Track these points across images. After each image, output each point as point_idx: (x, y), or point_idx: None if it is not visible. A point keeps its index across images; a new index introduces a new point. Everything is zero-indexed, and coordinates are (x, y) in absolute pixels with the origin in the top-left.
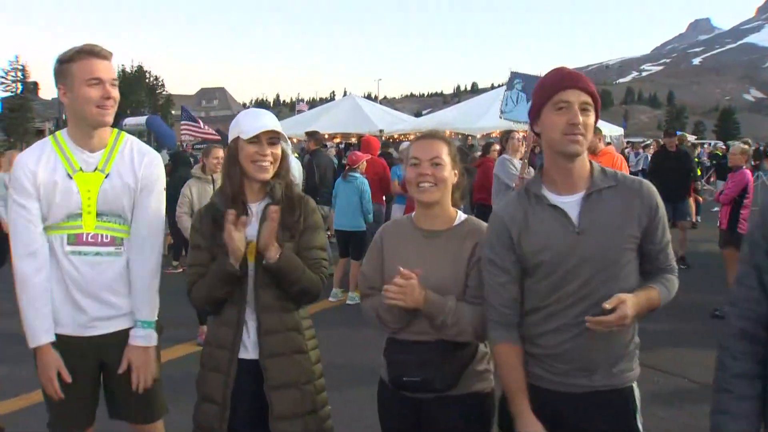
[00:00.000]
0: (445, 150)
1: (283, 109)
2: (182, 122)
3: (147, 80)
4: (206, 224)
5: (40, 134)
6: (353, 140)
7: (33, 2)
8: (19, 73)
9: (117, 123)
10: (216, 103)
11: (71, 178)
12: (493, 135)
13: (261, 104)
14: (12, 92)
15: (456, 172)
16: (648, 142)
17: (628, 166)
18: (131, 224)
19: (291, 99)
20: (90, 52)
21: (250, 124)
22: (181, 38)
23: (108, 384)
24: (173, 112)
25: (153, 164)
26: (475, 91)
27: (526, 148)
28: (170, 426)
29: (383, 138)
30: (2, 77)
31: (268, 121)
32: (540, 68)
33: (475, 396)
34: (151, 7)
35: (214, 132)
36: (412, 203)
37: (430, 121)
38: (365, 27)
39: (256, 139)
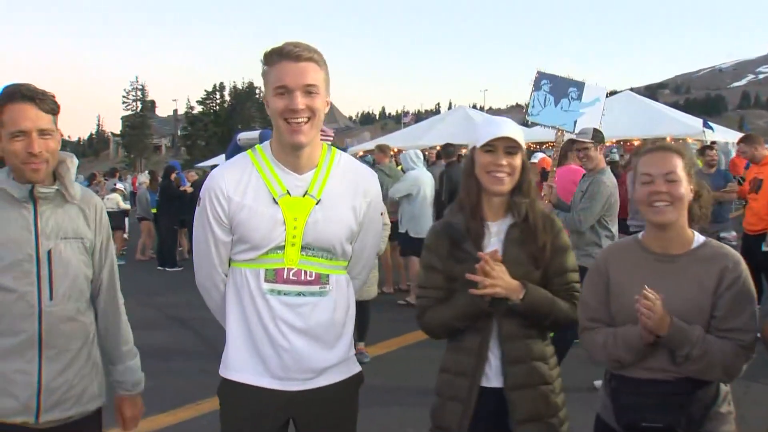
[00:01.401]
0: (681, 164)
1: (389, 121)
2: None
3: (257, 95)
4: (442, 244)
5: (157, 150)
6: (464, 152)
7: (150, 25)
8: (139, 93)
9: (230, 137)
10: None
11: (276, 203)
12: (606, 144)
13: (367, 117)
14: (132, 110)
15: (692, 187)
16: None
17: None
18: (353, 252)
19: (396, 111)
20: (281, 53)
21: (485, 131)
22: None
23: None
24: None
25: (372, 186)
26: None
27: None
28: None
29: None
30: (124, 97)
31: (504, 128)
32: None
33: None
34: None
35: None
36: None
37: (540, 130)
38: (470, 38)
39: (491, 148)
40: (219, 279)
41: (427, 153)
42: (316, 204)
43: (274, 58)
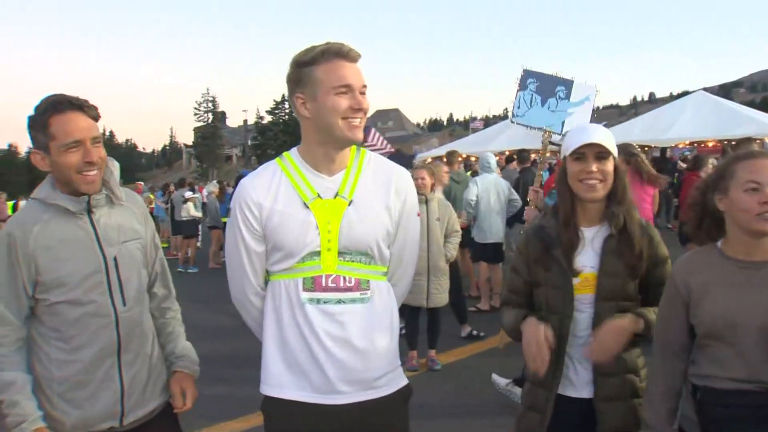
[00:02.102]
0: None
1: (457, 128)
2: (365, 143)
3: None
4: (533, 248)
5: (228, 160)
6: (533, 157)
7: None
8: (210, 104)
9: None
10: (391, 124)
11: (307, 207)
12: (680, 146)
13: (435, 123)
14: (204, 122)
15: None
16: None
17: None
18: (392, 257)
19: (464, 117)
20: (338, 52)
21: (574, 139)
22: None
23: None
24: None
25: (406, 184)
26: (653, 101)
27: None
28: None
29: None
30: (195, 108)
31: (592, 134)
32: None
33: None
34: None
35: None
36: None
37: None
38: (539, 40)
39: (580, 155)
40: (252, 291)
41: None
42: (349, 205)
43: (329, 56)
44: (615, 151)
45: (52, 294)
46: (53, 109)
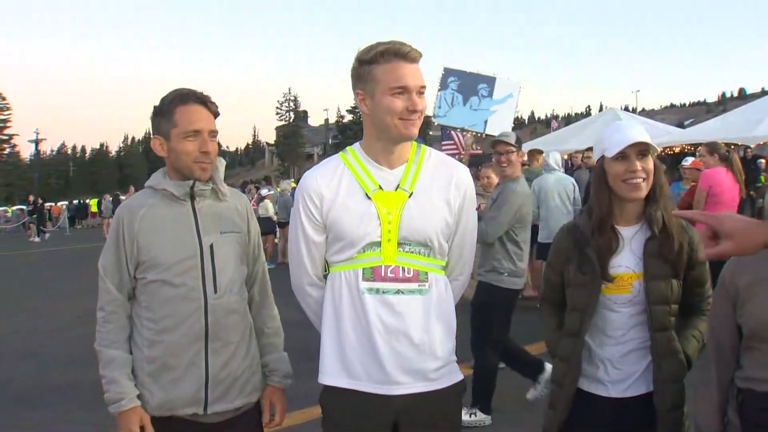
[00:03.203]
0: None
1: (538, 126)
2: (442, 142)
3: None
4: (566, 244)
5: (309, 158)
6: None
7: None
8: (292, 104)
9: None
10: None
11: (369, 198)
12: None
13: (516, 122)
14: (286, 121)
15: None
16: None
17: None
18: (450, 250)
19: (546, 115)
20: (398, 53)
21: (613, 139)
22: (451, 57)
23: None
24: (431, 133)
25: (465, 179)
26: (743, 97)
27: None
28: None
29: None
30: (277, 108)
31: (634, 133)
32: None
33: None
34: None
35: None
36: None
37: (696, 131)
38: (622, 38)
39: (623, 156)
40: (308, 281)
41: (573, 156)
42: (409, 197)
43: (389, 57)
44: (656, 148)
45: (149, 273)
46: (180, 100)
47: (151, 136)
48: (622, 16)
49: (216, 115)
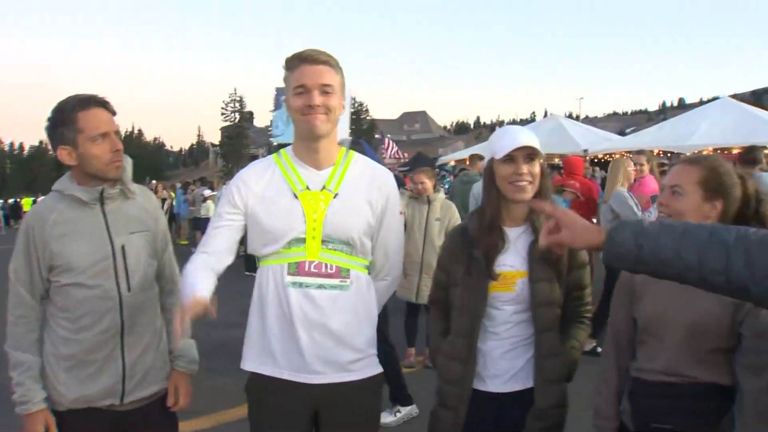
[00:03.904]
0: (695, 177)
1: (483, 131)
2: (380, 147)
3: (352, 107)
4: (456, 246)
5: (253, 159)
6: (556, 161)
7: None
8: (237, 104)
9: None
10: (417, 127)
11: (296, 197)
12: (705, 153)
13: (462, 127)
14: (231, 122)
15: (717, 204)
16: None
17: None
18: (372, 251)
19: (491, 121)
20: (300, 56)
21: (502, 142)
22: (384, 64)
23: None
24: (376, 136)
25: (388, 183)
26: (683, 107)
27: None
28: None
29: (588, 158)
30: (223, 108)
31: (521, 137)
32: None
33: None
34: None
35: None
36: None
37: (636, 139)
38: (565, 46)
39: (510, 158)
40: (203, 249)
41: None
42: (334, 197)
43: (295, 62)
44: (542, 153)
45: (63, 277)
46: (81, 106)
47: (57, 148)
48: (568, 24)
49: (114, 114)
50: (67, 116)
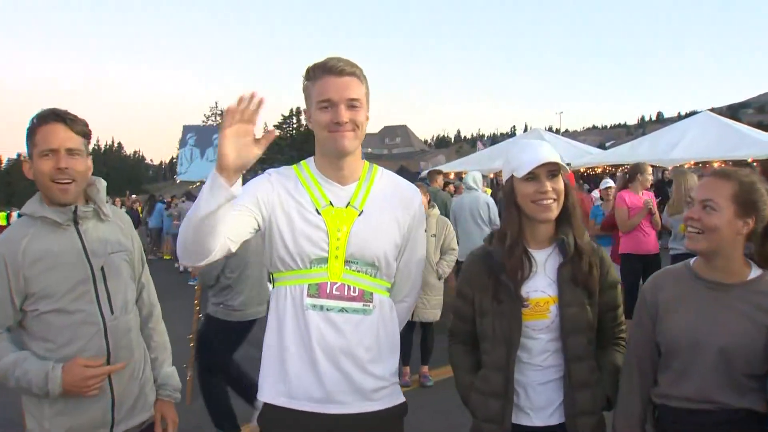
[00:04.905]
0: (727, 192)
1: (464, 145)
2: None
3: None
4: (478, 274)
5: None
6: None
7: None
8: (219, 118)
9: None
10: (398, 140)
11: (319, 213)
12: (686, 167)
13: (442, 140)
14: None
15: (749, 220)
16: None
17: None
18: (397, 270)
19: (472, 134)
20: (324, 67)
21: (523, 158)
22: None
23: None
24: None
25: (415, 200)
26: (661, 121)
27: None
28: None
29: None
30: (204, 122)
31: (542, 152)
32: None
33: None
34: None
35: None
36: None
37: (616, 153)
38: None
39: (532, 176)
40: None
41: (498, 176)
42: (359, 215)
43: (318, 72)
44: (566, 167)
45: (40, 304)
46: (40, 120)
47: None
48: (548, 39)
49: (82, 133)
50: (29, 130)
